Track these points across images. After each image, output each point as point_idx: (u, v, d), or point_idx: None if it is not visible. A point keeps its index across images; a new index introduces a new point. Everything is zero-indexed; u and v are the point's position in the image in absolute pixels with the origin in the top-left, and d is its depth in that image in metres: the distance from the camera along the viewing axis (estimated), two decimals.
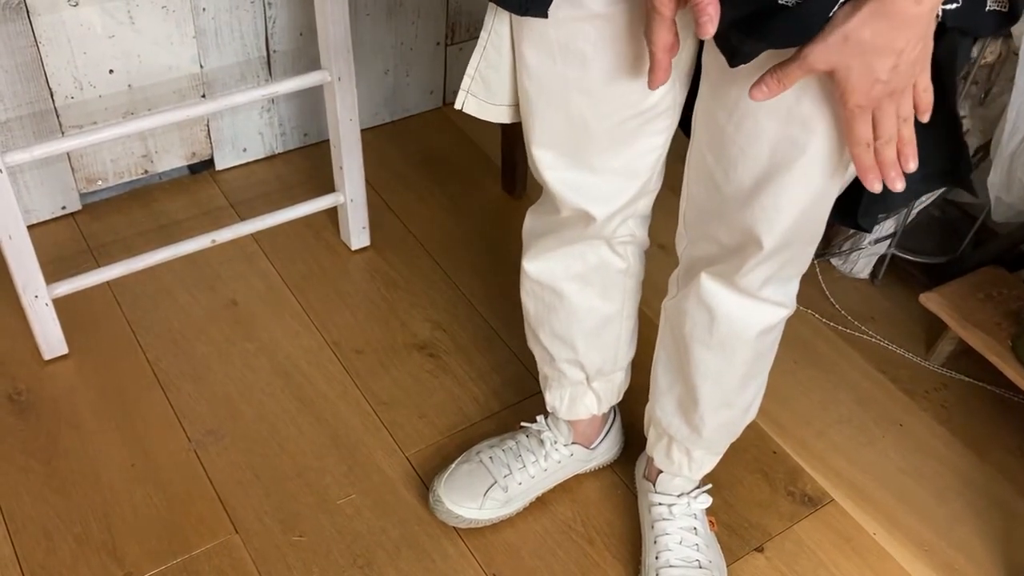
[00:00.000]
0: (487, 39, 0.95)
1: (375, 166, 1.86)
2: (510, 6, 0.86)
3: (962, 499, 1.41)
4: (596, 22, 0.86)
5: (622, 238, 1.09)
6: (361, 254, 1.71)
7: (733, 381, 1.09)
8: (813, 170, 0.85)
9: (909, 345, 1.63)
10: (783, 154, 0.85)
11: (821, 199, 0.89)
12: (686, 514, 1.24)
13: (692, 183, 0.98)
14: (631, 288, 1.17)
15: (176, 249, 1.53)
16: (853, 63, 0.70)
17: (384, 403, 1.46)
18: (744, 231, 0.92)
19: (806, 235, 0.94)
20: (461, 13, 1.94)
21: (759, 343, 1.05)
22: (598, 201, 1.01)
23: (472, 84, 0.99)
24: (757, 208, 0.90)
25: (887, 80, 0.71)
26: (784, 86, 0.74)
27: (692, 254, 1.03)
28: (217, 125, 1.78)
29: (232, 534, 1.28)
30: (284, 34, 1.72)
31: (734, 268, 0.97)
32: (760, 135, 0.85)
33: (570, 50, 0.88)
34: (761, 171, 0.87)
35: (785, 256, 0.95)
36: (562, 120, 0.95)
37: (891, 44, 0.69)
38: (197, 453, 1.37)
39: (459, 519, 1.28)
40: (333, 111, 1.52)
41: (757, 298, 1.00)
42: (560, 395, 1.27)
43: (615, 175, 0.99)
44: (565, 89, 0.92)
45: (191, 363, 1.49)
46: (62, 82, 1.56)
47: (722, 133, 0.88)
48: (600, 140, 0.95)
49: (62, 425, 1.39)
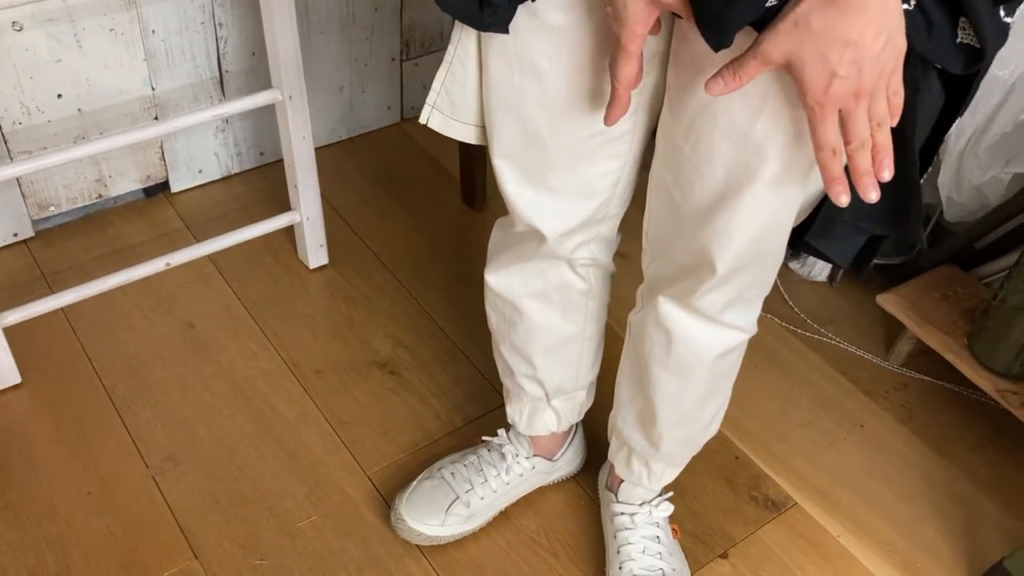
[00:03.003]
0: (453, 53, 0.94)
1: (333, 183, 1.85)
2: (472, 22, 0.85)
3: (925, 498, 1.42)
4: (554, 37, 0.85)
5: (583, 260, 1.08)
6: (320, 272, 1.70)
7: (691, 400, 1.08)
8: (765, 195, 0.84)
9: (868, 346, 1.64)
10: (736, 177, 0.83)
11: (775, 225, 0.87)
12: (648, 523, 1.24)
13: (653, 200, 0.97)
14: (593, 310, 1.16)
15: (131, 273, 1.51)
16: (806, 54, 0.67)
17: (345, 422, 1.45)
18: (698, 252, 0.91)
19: (762, 260, 0.92)
20: (415, 28, 1.94)
21: (717, 365, 1.04)
22: (549, 218, 1.00)
23: (437, 99, 0.98)
24: (711, 230, 0.88)
25: (846, 75, 0.67)
26: (740, 79, 0.71)
27: (653, 272, 1.02)
28: (171, 147, 1.77)
29: (192, 560, 1.26)
30: (236, 54, 1.71)
31: (690, 290, 0.96)
32: (715, 157, 0.84)
33: (527, 63, 0.88)
34: (716, 193, 0.86)
35: (743, 280, 0.94)
36: (518, 133, 0.94)
37: (843, 33, 0.65)
38: (155, 479, 1.36)
39: (421, 536, 1.27)
40: (286, 130, 1.51)
41: (717, 322, 0.99)
42: (520, 409, 1.26)
43: (569, 194, 0.98)
44: (521, 102, 0.91)
45: (148, 388, 1.47)
46: (9, 108, 1.54)
47: (679, 153, 0.87)
48: (554, 157, 0.94)
49: (15, 456, 1.37)
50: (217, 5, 1.64)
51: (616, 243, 1.11)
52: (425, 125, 0.99)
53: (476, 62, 0.94)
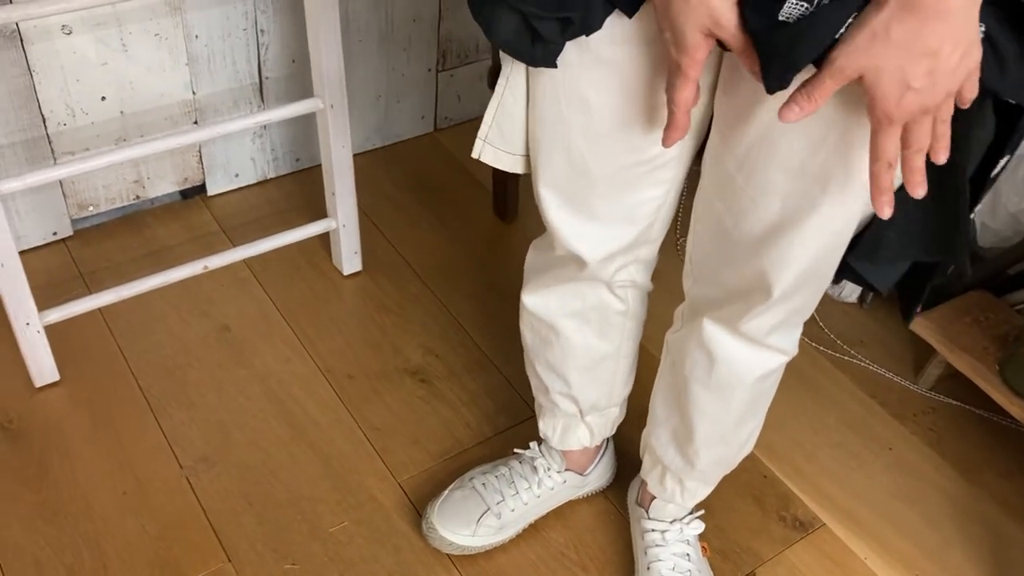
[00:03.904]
0: (504, 86, 0.94)
1: (367, 191, 1.87)
2: (521, 56, 0.84)
3: (953, 523, 1.42)
4: (602, 69, 0.85)
5: (622, 283, 1.08)
6: (353, 279, 1.71)
7: (730, 420, 1.09)
8: (824, 224, 0.83)
9: (898, 369, 1.64)
10: (794, 208, 0.83)
11: (832, 249, 0.87)
12: (679, 540, 1.24)
13: (700, 225, 0.97)
14: (630, 329, 1.17)
15: (169, 275, 1.53)
16: (885, 66, 0.65)
17: (376, 429, 1.46)
18: (752, 279, 0.91)
19: (815, 283, 0.92)
20: (452, 40, 1.96)
21: (757, 386, 1.05)
22: (591, 244, 1.00)
23: (488, 132, 0.97)
24: (766, 258, 0.88)
25: (920, 88, 0.65)
26: (815, 102, 0.69)
27: (697, 294, 1.02)
28: (209, 151, 1.79)
29: (225, 562, 1.28)
30: (277, 61, 1.73)
31: (738, 314, 0.96)
32: (770, 188, 0.83)
33: (575, 94, 0.88)
34: (771, 223, 0.86)
35: (793, 304, 0.94)
36: (564, 162, 0.94)
37: (924, 44, 0.64)
38: (189, 480, 1.37)
39: (452, 546, 1.28)
40: (326, 138, 1.53)
41: (762, 345, 0.99)
42: (553, 424, 1.27)
43: (612, 220, 0.98)
44: (567, 132, 0.91)
45: (183, 389, 1.49)
46: (55, 109, 1.56)
47: (732, 182, 0.87)
48: (598, 185, 0.94)
49: (53, 453, 1.39)
50: (260, 12, 1.66)
51: (655, 263, 1.11)
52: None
53: (525, 94, 0.94)
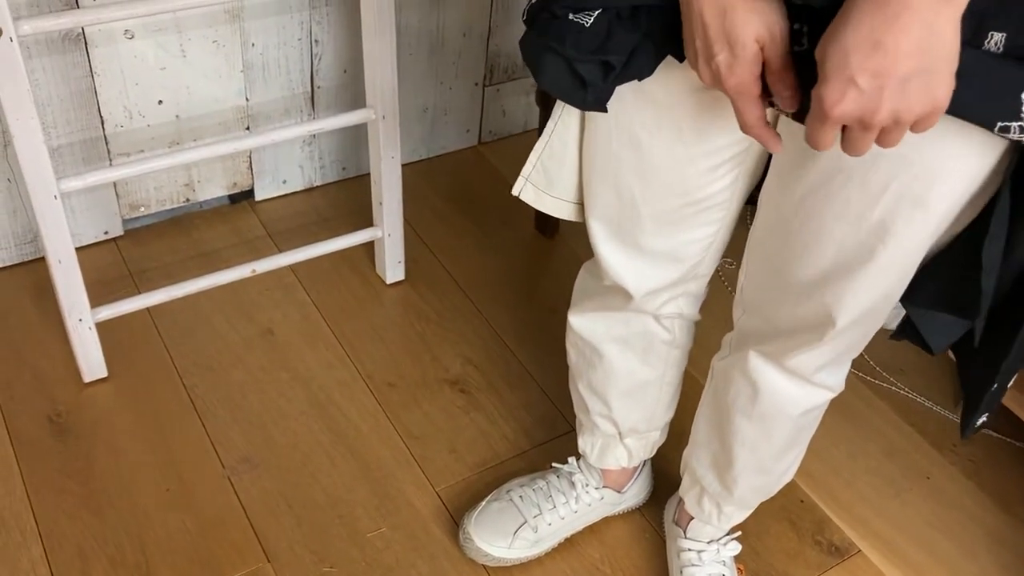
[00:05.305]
0: (553, 128, 0.95)
1: (411, 202, 1.89)
2: (572, 100, 0.83)
3: (990, 554, 1.41)
4: (655, 109, 0.85)
5: (669, 315, 1.09)
6: (396, 288, 1.73)
7: (770, 451, 1.09)
8: (882, 276, 0.83)
9: (937, 398, 1.64)
10: (850, 257, 0.82)
11: (886, 298, 0.87)
12: (715, 561, 1.25)
13: (752, 262, 0.97)
14: (675, 357, 1.17)
15: (217, 278, 1.55)
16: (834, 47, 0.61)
17: (415, 437, 1.48)
18: (801, 319, 0.91)
19: (868, 325, 0.92)
20: (500, 55, 1.98)
21: (801, 420, 1.05)
22: (637, 279, 1.01)
23: (532, 172, 0.98)
24: (818, 301, 0.88)
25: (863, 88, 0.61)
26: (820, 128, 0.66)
27: (746, 325, 1.02)
28: (259, 157, 1.82)
29: (264, 563, 1.30)
30: (329, 70, 1.76)
31: (787, 349, 0.96)
32: (826, 236, 0.83)
33: (626, 132, 0.88)
34: (825, 270, 0.85)
35: (842, 345, 0.94)
36: (613, 198, 0.95)
37: (873, 30, 0.60)
38: (231, 480, 1.39)
39: (488, 557, 1.29)
40: (376, 148, 1.56)
41: (808, 381, 0.99)
42: (592, 442, 1.28)
43: (658, 257, 0.99)
44: (618, 169, 0.92)
45: (227, 390, 1.52)
46: (113, 111, 1.60)
47: (787, 225, 0.86)
48: (647, 222, 0.95)
49: (99, 447, 1.41)
50: (315, 23, 1.69)
51: (704, 296, 1.11)
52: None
53: (576, 139, 0.95)
